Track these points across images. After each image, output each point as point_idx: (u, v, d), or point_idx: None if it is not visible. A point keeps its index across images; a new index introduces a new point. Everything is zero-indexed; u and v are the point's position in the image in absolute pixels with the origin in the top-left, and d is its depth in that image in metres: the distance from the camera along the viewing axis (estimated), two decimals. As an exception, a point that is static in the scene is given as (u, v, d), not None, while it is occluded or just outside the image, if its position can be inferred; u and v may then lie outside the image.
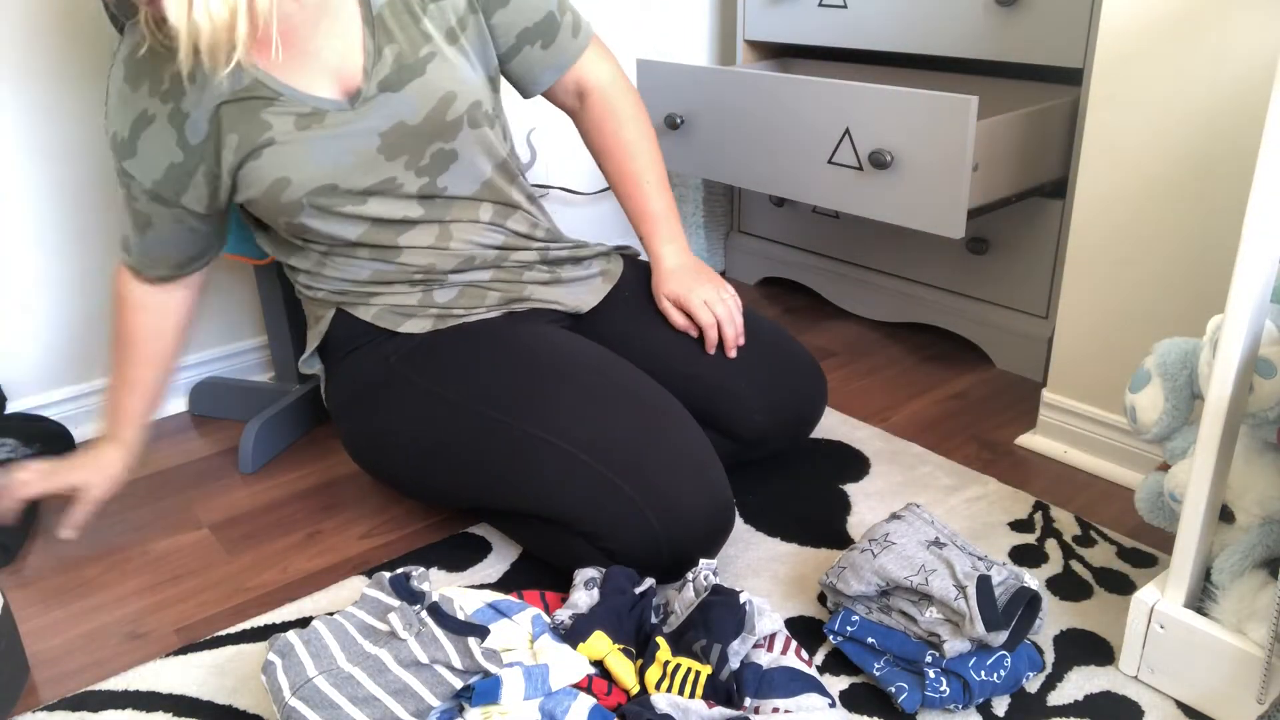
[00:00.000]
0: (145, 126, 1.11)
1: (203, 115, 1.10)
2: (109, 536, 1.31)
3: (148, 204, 1.16)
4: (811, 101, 1.50)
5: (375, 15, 1.13)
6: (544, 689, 0.89)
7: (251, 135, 1.10)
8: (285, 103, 1.10)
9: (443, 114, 1.14)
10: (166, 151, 1.12)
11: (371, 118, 1.12)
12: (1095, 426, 1.38)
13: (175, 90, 1.09)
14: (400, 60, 1.13)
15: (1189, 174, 1.19)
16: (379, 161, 1.14)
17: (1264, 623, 0.89)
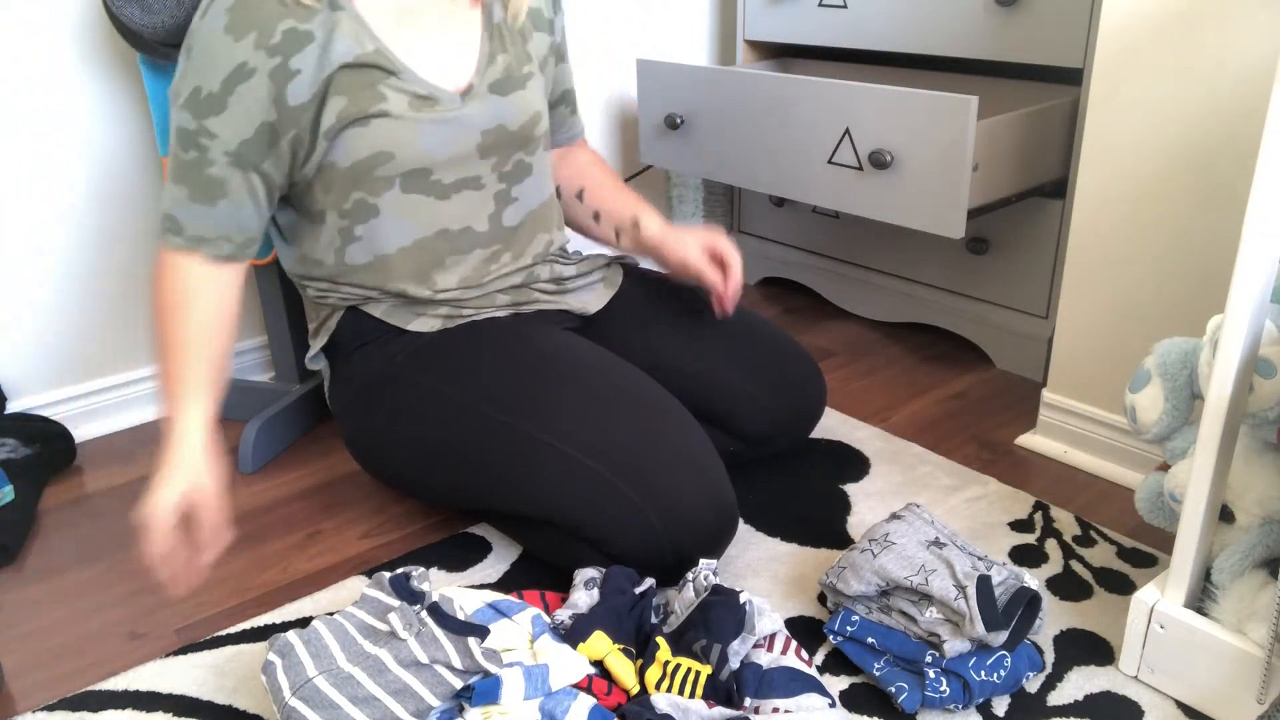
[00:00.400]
0: (242, 80, 1.05)
1: (313, 76, 1.07)
2: (109, 536, 1.31)
3: (225, 168, 1.08)
4: (811, 101, 1.50)
5: (495, 24, 1.19)
6: (544, 689, 0.89)
7: (363, 103, 1.09)
8: (402, 80, 1.11)
9: (531, 129, 1.22)
10: (261, 109, 1.06)
11: (477, 115, 1.16)
12: (1095, 426, 1.38)
13: (288, 45, 1.05)
14: (510, 70, 1.19)
15: (1189, 174, 1.19)
16: (473, 158, 1.18)
17: (1264, 623, 0.89)
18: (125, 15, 1.28)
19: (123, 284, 1.57)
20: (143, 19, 1.27)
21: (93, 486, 1.44)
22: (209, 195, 1.09)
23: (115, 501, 1.39)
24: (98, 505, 1.39)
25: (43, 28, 1.40)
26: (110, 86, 1.48)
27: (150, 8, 1.26)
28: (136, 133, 1.52)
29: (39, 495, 1.39)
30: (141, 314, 1.60)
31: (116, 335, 1.59)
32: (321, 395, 1.60)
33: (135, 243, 1.57)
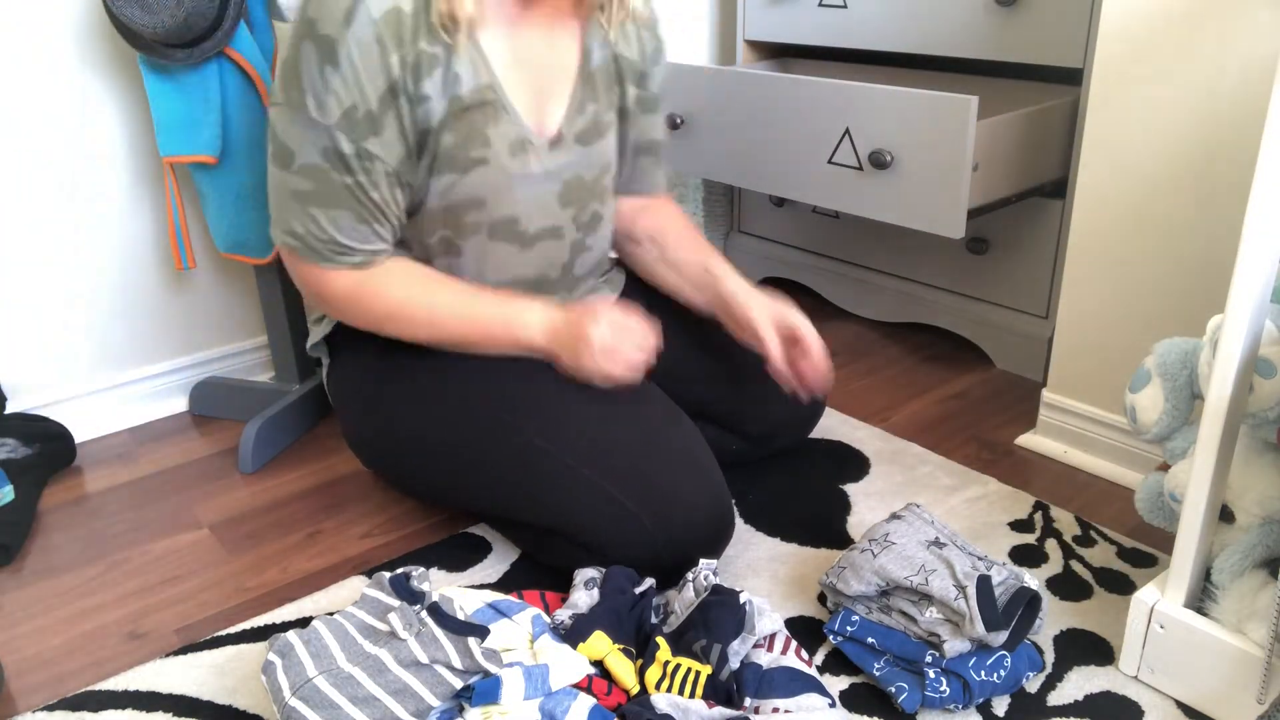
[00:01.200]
0: (396, 98, 0.99)
1: (438, 102, 1.01)
2: (109, 536, 1.31)
3: (388, 190, 1.03)
4: (811, 101, 1.50)
5: (591, 71, 1.14)
6: (544, 689, 0.89)
7: (468, 146, 1.05)
8: (509, 121, 1.07)
9: (603, 178, 1.19)
10: (409, 130, 1.01)
11: (562, 164, 1.13)
12: (1095, 426, 1.38)
13: (421, 67, 0.99)
14: (596, 118, 1.16)
15: (1189, 174, 1.19)
16: (554, 207, 1.15)
17: (1264, 623, 0.89)
18: (125, 15, 1.28)
19: (123, 284, 1.57)
20: (143, 19, 1.27)
21: (93, 486, 1.44)
22: (374, 217, 1.05)
23: (115, 501, 1.39)
24: (98, 505, 1.39)
25: (43, 28, 1.40)
26: (110, 86, 1.48)
27: (150, 8, 1.26)
28: (137, 133, 1.52)
29: (39, 495, 1.39)
30: (141, 314, 1.60)
31: (116, 335, 1.59)
32: (321, 395, 1.60)
33: (135, 243, 1.57)
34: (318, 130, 0.99)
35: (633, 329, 1.07)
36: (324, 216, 1.03)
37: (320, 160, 1.00)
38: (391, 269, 1.10)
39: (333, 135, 0.99)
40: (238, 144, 1.40)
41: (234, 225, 1.45)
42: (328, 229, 1.04)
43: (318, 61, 0.96)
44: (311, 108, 0.98)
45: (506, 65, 1.06)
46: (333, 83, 0.96)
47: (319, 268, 1.07)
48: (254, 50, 1.37)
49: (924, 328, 1.88)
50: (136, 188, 1.54)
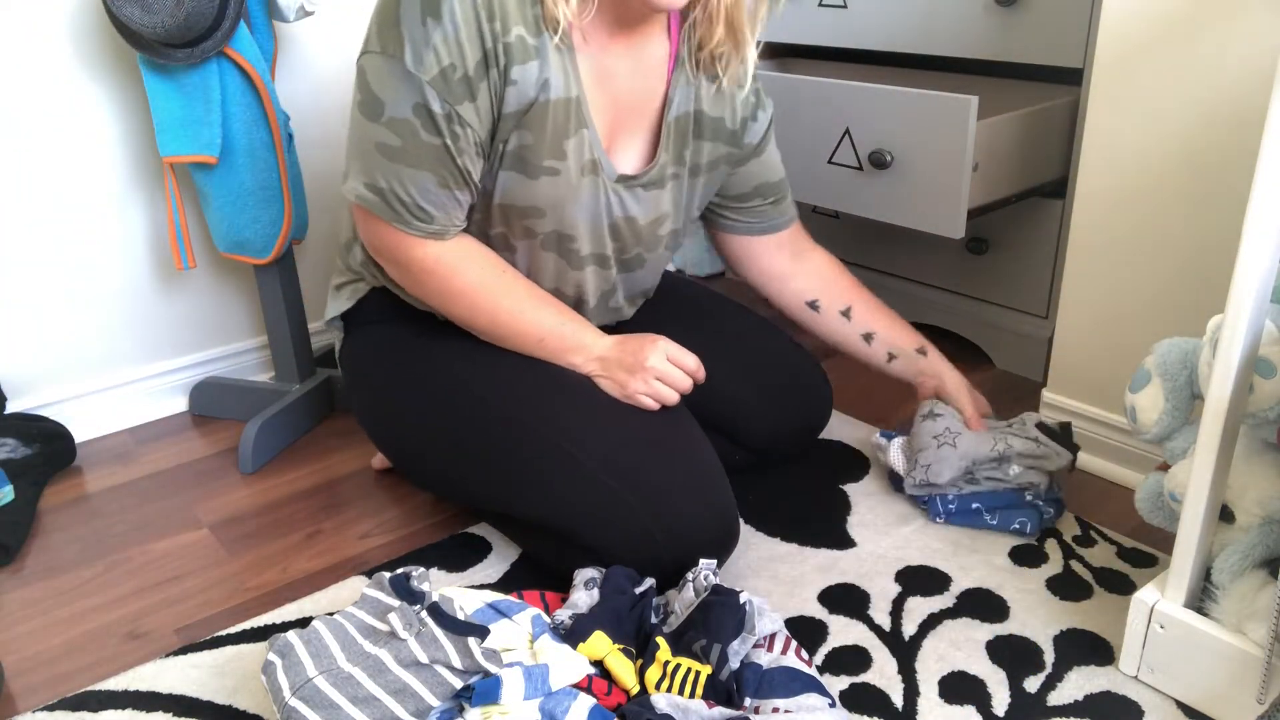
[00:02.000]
0: (488, 70, 0.96)
1: (525, 92, 0.99)
2: (109, 536, 1.31)
3: (473, 160, 1.02)
4: (811, 101, 1.50)
5: (669, 121, 1.13)
6: (544, 689, 0.89)
7: (543, 153, 1.03)
8: (586, 138, 1.06)
9: (656, 228, 1.19)
10: (494, 107, 1.00)
11: (623, 200, 1.13)
12: (1095, 426, 1.38)
13: (516, 52, 0.97)
14: (662, 169, 1.15)
15: (1189, 174, 1.19)
16: (605, 237, 1.15)
17: (1264, 623, 0.89)
18: (125, 15, 1.28)
19: (123, 284, 1.57)
20: (143, 19, 1.27)
21: (93, 486, 1.44)
22: (457, 183, 1.02)
23: (115, 501, 1.39)
24: (98, 505, 1.39)
25: (42, 27, 1.40)
26: (110, 86, 1.48)
27: (150, 8, 1.26)
28: (137, 132, 1.52)
29: (39, 495, 1.39)
30: (141, 314, 1.61)
31: (116, 335, 1.59)
32: (321, 395, 1.60)
33: (135, 243, 1.57)
34: (412, 84, 0.96)
35: (687, 362, 1.13)
36: (408, 175, 1.00)
37: (411, 115, 0.97)
38: (471, 251, 1.09)
39: (426, 92, 0.96)
40: (238, 144, 1.40)
41: (234, 225, 1.45)
42: (410, 189, 1.01)
43: (420, 11, 0.93)
44: (409, 59, 0.95)
45: (594, 86, 1.06)
46: (434, 37, 0.93)
47: (396, 229, 1.04)
48: (254, 50, 1.37)
49: (924, 328, 1.88)
50: (136, 188, 1.54)
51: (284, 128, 1.43)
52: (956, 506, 1.24)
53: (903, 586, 1.15)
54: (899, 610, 1.11)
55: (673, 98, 1.12)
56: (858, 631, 1.08)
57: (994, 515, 1.23)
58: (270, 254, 1.47)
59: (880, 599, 1.13)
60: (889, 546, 1.22)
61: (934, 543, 1.23)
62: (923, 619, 1.09)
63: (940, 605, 1.12)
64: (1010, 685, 1.00)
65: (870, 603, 1.12)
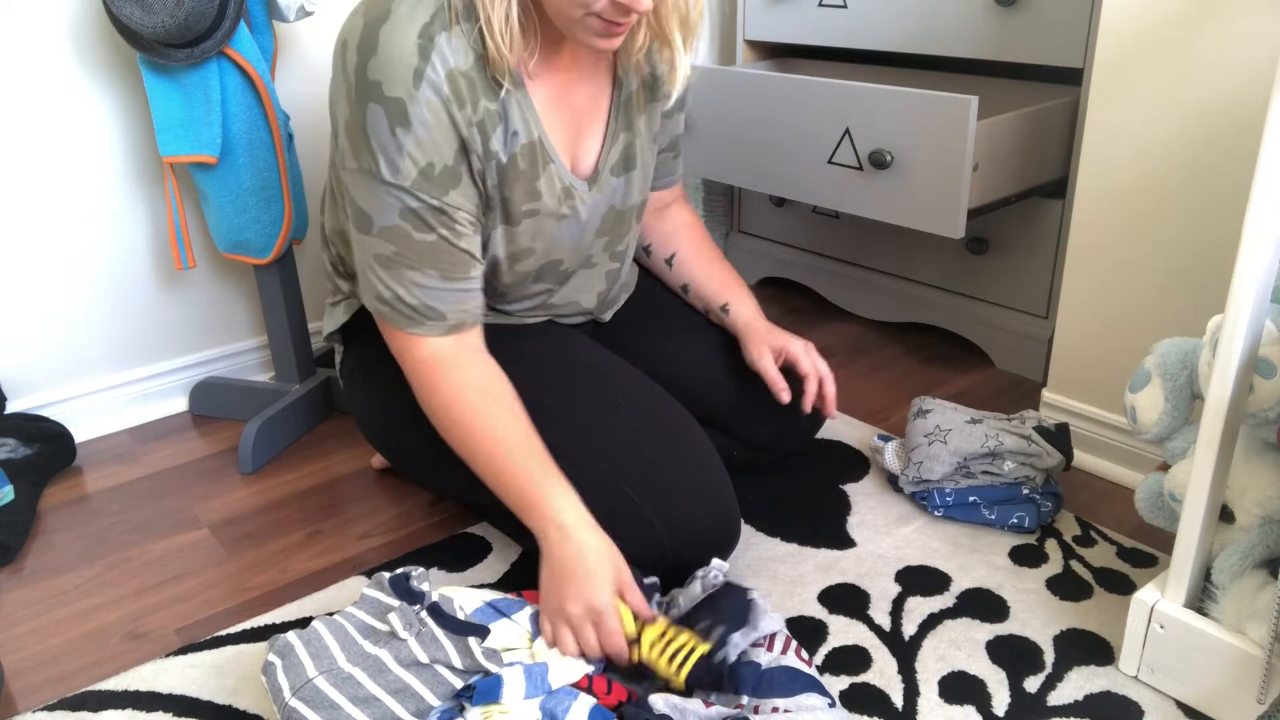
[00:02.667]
0: (466, 156, 0.99)
1: (502, 158, 1.01)
2: (109, 536, 1.31)
3: (473, 237, 1.02)
4: (811, 101, 1.50)
5: (624, 102, 1.13)
6: (544, 687, 0.89)
7: (519, 200, 1.04)
8: (554, 172, 1.06)
9: (638, 205, 1.19)
10: (477, 183, 1.01)
11: (600, 200, 1.13)
12: (1095, 426, 1.38)
13: (487, 125, 0.99)
14: (628, 149, 1.15)
15: (1189, 174, 1.19)
16: (592, 240, 1.16)
17: (1264, 623, 0.89)
18: (125, 15, 1.28)
19: (123, 284, 1.57)
20: (143, 19, 1.27)
21: (93, 486, 1.44)
22: (463, 270, 1.02)
23: (115, 501, 1.39)
24: (98, 505, 1.39)
25: (42, 27, 1.40)
26: (110, 86, 1.48)
27: (150, 8, 1.26)
28: (136, 133, 1.52)
29: (39, 495, 1.39)
30: (141, 314, 1.61)
31: (116, 335, 1.59)
32: (322, 395, 1.60)
33: (135, 243, 1.57)
34: (394, 192, 0.97)
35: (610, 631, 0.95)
36: (409, 278, 1.00)
37: (399, 221, 0.98)
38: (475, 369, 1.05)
39: (410, 195, 0.97)
40: (238, 144, 1.40)
41: (234, 225, 1.45)
42: (415, 292, 1.01)
43: (388, 124, 0.94)
44: (386, 171, 0.96)
45: (549, 114, 1.06)
46: (406, 144, 0.95)
47: (405, 333, 1.03)
48: (254, 50, 1.37)
49: (924, 328, 1.88)
50: (136, 188, 1.54)
51: (284, 128, 1.43)
52: (954, 499, 1.25)
53: (903, 586, 1.15)
54: (899, 610, 1.11)
55: (623, 79, 1.14)
56: (858, 631, 1.08)
57: (992, 510, 1.24)
58: (270, 254, 1.47)
59: (880, 599, 1.13)
60: (889, 546, 1.22)
61: (934, 543, 1.23)
62: (923, 619, 1.09)
63: (940, 605, 1.12)
64: (1010, 685, 1.00)
65: (870, 603, 1.12)
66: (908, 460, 1.29)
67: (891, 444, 1.34)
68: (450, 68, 0.94)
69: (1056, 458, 1.24)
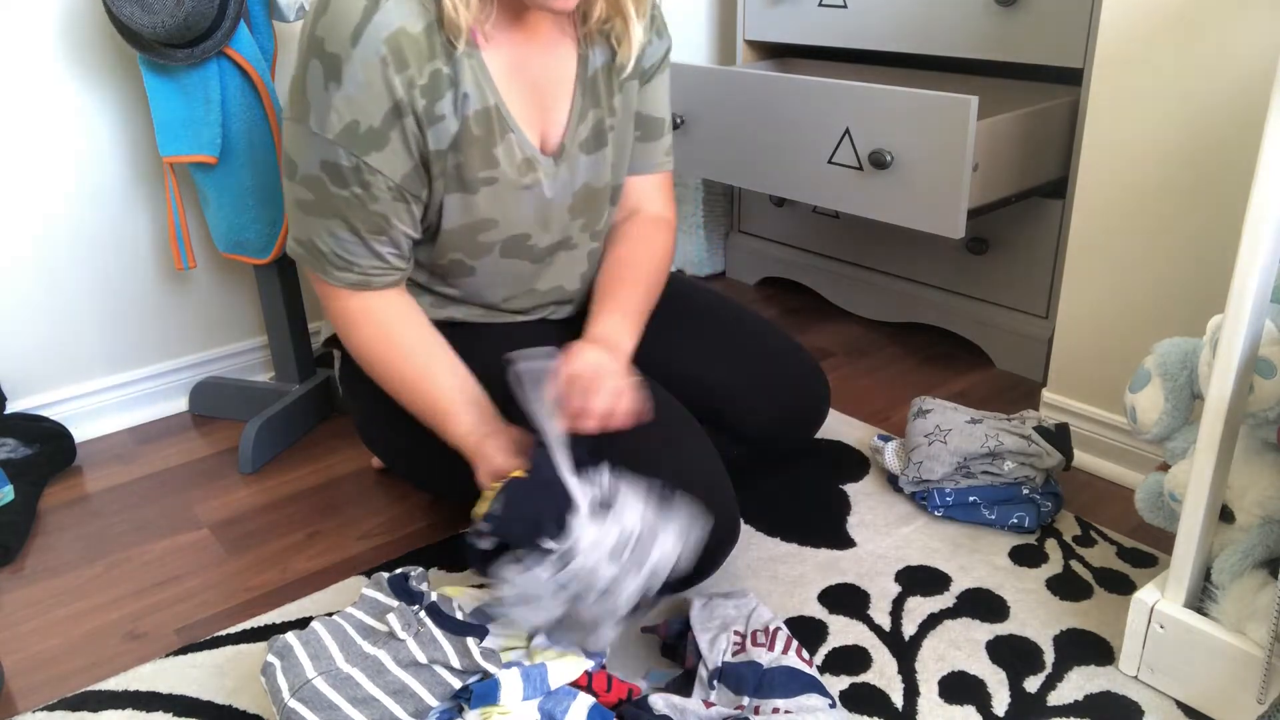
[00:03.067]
0: (402, 116, 0.99)
1: (451, 123, 1.02)
2: (109, 536, 1.31)
3: (391, 203, 1.03)
4: (811, 101, 1.50)
5: (590, 77, 1.13)
6: (542, 688, 0.89)
7: (476, 166, 1.05)
8: (514, 141, 1.07)
9: (614, 183, 1.19)
10: (416, 147, 1.02)
11: (569, 176, 1.13)
12: (1095, 426, 1.38)
13: (434, 88, 0.99)
14: (598, 126, 1.14)
15: (1189, 174, 1.19)
16: (565, 219, 1.15)
17: (1264, 623, 0.89)
18: (125, 15, 1.28)
19: (123, 284, 1.57)
20: (143, 19, 1.27)
21: (93, 486, 1.44)
22: (377, 230, 1.04)
23: (115, 501, 1.39)
24: (98, 505, 1.39)
25: (42, 27, 1.40)
26: (110, 86, 1.48)
27: (150, 8, 1.26)
28: (136, 133, 1.52)
29: (39, 495, 1.39)
30: (141, 314, 1.61)
31: (116, 335, 1.59)
32: (322, 395, 1.60)
33: (135, 243, 1.57)
34: (317, 143, 0.99)
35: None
36: (322, 226, 1.04)
37: (319, 172, 1.01)
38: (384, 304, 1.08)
39: (332, 149, 0.99)
40: (237, 144, 1.40)
41: (234, 225, 1.45)
42: (327, 240, 1.04)
43: (323, 78, 0.97)
44: (313, 121, 0.99)
45: (508, 82, 1.07)
46: (335, 99, 0.97)
47: (322, 280, 1.08)
48: (254, 50, 1.37)
49: (924, 328, 1.88)
50: (136, 188, 1.54)
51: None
52: (954, 499, 1.25)
53: (903, 586, 1.15)
54: (899, 610, 1.11)
55: (588, 55, 1.13)
56: (858, 631, 1.08)
57: (992, 510, 1.24)
58: (270, 254, 1.47)
59: (880, 599, 1.13)
60: (889, 546, 1.22)
61: (934, 543, 1.23)
62: (923, 619, 1.09)
63: (940, 605, 1.12)
64: (1010, 685, 1.00)
65: (870, 603, 1.12)
66: (908, 460, 1.28)
67: (891, 444, 1.34)
68: (395, 29, 0.95)
69: (1056, 458, 1.24)
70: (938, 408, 1.31)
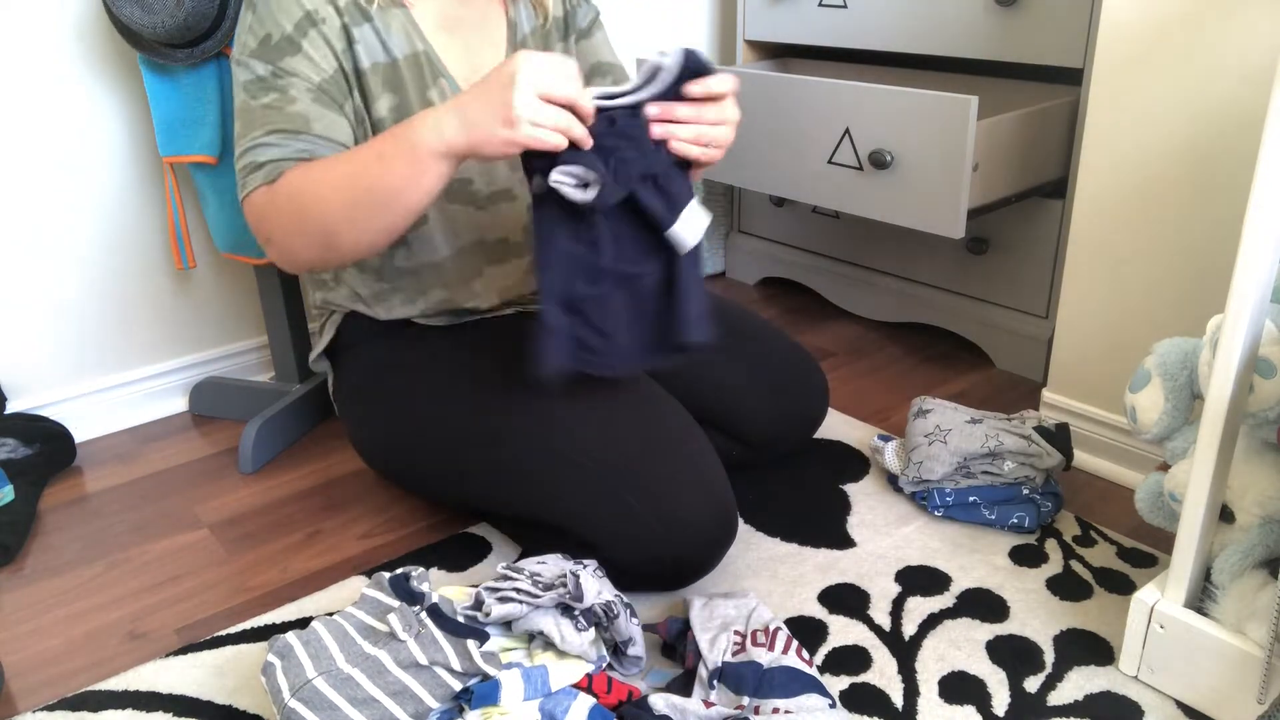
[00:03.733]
0: (314, 25, 1.04)
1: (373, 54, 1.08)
2: (109, 536, 1.31)
3: (308, 104, 1.04)
4: (811, 101, 1.50)
5: (520, 39, 1.19)
6: (543, 690, 0.89)
7: (410, 107, 1.10)
8: (448, 88, 1.12)
9: None
10: (335, 54, 1.05)
11: None
12: (1095, 426, 1.38)
13: (353, 12, 1.06)
14: None
15: (1189, 174, 1.19)
16: (504, 170, 1.19)
17: (1264, 623, 0.89)
18: (125, 15, 1.28)
19: (123, 284, 1.57)
20: (143, 19, 1.27)
21: (93, 486, 1.44)
22: (294, 128, 1.03)
23: (115, 501, 1.39)
24: (98, 505, 1.39)
25: (42, 27, 1.40)
26: (110, 86, 1.48)
27: (150, 8, 1.26)
28: (136, 133, 1.52)
29: (39, 495, 1.39)
30: (141, 314, 1.61)
31: (117, 335, 1.59)
32: (321, 395, 1.60)
33: (135, 243, 1.57)
34: (240, 67, 1.04)
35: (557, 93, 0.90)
36: (247, 141, 1.03)
37: (243, 94, 1.04)
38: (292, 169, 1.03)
39: (250, 65, 1.04)
40: (238, 144, 1.40)
41: (234, 225, 1.45)
42: (248, 153, 1.02)
43: (244, 12, 1.05)
44: (235, 51, 1.05)
45: (437, 35, 1.13)
46: (249, 22, 1.04)
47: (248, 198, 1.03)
48: (254, 50, 1.37)
49: (924, 328, 1.88)
50: (136, 188, 1.54)
51: (284, 128, 1.43)
52: (954, 499, 1.25)
53: (903, 586, 1.15)
54: (899, 610, 1.11)
55: (517, 20, 1.19)
56: (858, 631, 1.08)
57: (992, 510, 1.24)
58: (270, 254, 1.47)
59: (880, 599, 1.13)
60: (889, 546, 1.22)
61: (934, 543, 1.23)
62: (923, 619, 1.09)
63: (940, 605, 1.12)
64: (1010, 685, 1.00)
65: (870, 603, 1.12)
66: (908, 460, 1.28)
67: (891, 444, 1.34)
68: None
69: (1056, 458, 1.24)
70: (938, 408, 1.31)
